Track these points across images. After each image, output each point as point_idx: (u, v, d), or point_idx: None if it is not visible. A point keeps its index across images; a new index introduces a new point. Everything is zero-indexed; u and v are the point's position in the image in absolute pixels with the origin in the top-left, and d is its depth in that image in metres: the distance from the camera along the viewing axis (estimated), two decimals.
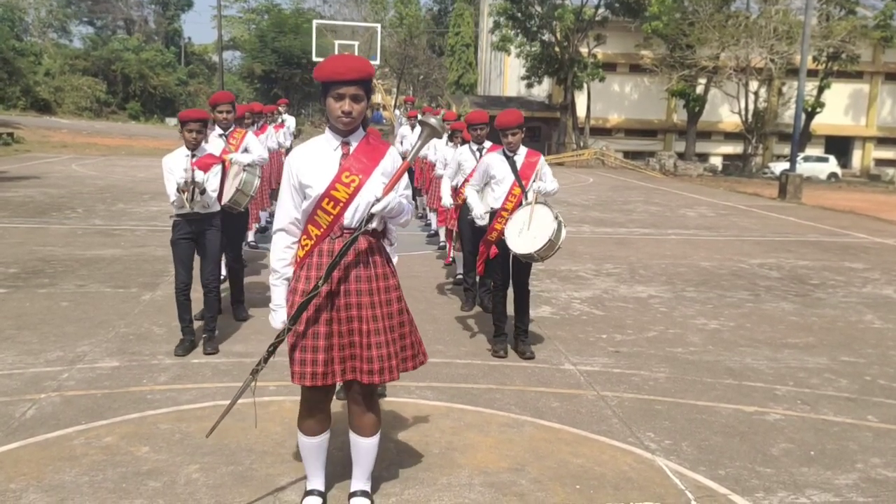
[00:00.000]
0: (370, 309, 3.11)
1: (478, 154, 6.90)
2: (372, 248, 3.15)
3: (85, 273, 7.95)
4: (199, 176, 5.29)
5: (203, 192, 5.31)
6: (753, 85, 33.74)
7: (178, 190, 5.24)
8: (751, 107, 34.20)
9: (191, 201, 5.26)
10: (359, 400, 3.24)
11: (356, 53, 31.89)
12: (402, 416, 4.48)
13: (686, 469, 3.94)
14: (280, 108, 13.42)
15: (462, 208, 6.87)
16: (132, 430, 4.14)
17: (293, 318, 3.05)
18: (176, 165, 5.36)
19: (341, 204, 3.05)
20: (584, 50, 35.20)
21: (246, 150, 6.62)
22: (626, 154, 36.59)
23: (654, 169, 32.08)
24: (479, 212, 5.80)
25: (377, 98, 48.27)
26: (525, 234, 5.42)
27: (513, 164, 5.68)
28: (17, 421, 4.19)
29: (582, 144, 35.47)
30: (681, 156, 34.86)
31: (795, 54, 29.18)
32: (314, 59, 35.80)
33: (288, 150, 12.11)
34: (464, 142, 7.54)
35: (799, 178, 20.93)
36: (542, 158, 5.87)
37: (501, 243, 5.58)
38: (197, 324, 5.80)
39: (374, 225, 3.11)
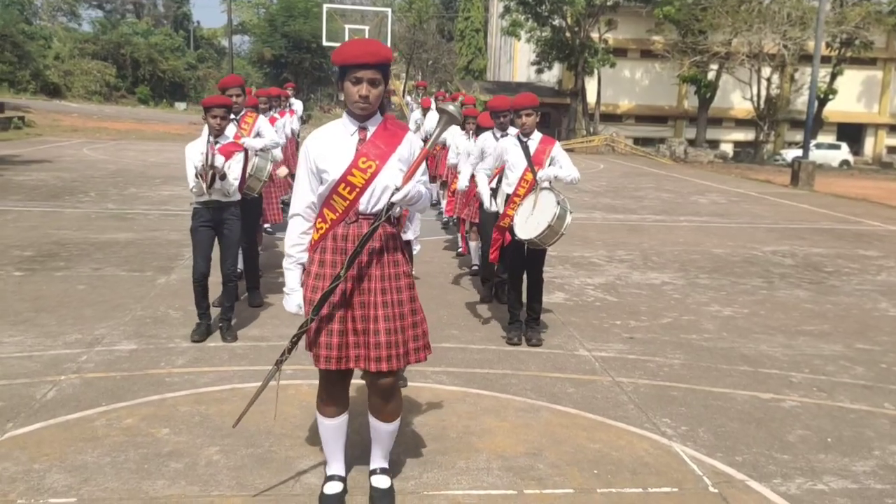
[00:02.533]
0: (381, 295, 3.10)
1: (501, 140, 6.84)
2: (386, 234, 3.14)
3: (100, 256, 7.99)
4: (220, 161, 5.25)
5: (223, 177, 5.27)
6: (766, 71, 33.51)
7: (196, 175, 5.21)
8: (763, 93, 33.98)
9: (209, 187, 5.21)
10: (377, 390, 3.22)
11: (366, 37, 31.88)
12: (419, 400, 4.50)
13: (703, 455, 3.95)
14: (289, 92, 13.20)
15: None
16: (152, 411, 4.18)
17: (316, 308, 3.05)
18: (197, 152, 5.33)
19: (357, 189, 3.04)
20: (594, 35, 34.96)
21: (258, 135, 6.60)
22: (637, 140, 36.39)
23: (664, 155, 31.94)
24: (489, 200, 5.83)
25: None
26: (530, 219, 5.41)
27: (526, 149, 5.64)
28: (39, 402, 4.23)
29: (592, 131, 35.31)
30: (691, 142, 34.69)
31: (809, 40, 28.95)
32: (324, 43, 35.77)
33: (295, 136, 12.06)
34: (478, 129, 7.46)
35: (811, 165, 20.81)
36: (558, 144, 5.81)
37: (512, 229, 5.58)
38: (214, 310, 5.81)
39: (395, 213, 3.12)
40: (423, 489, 3.45)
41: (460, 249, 8.85)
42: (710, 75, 34.87)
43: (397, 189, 3.03)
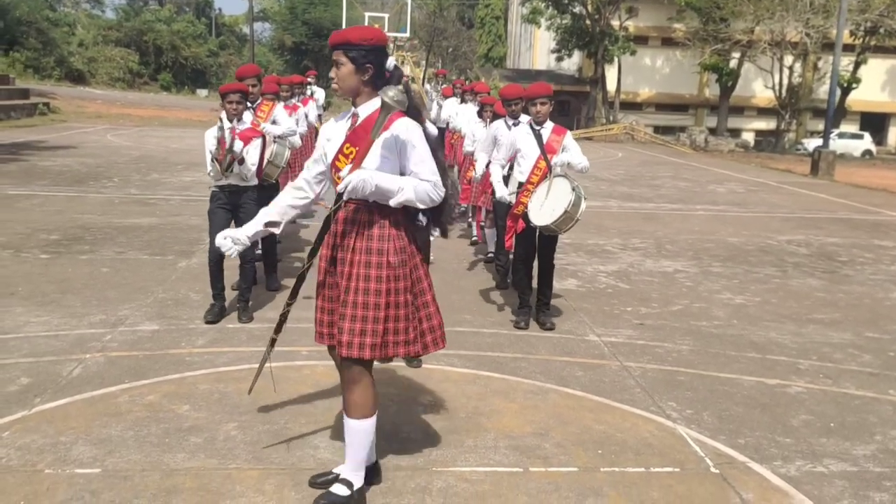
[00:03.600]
0: (350, 280, 3.08)
1: (514, 129, 6.84)
2: (371, 221, 3.09)
3: (123, 240, 8.18)
4: (238, 146, 5.42)
5: (241, 161, 5.43)
6: (788, 59, 33.19)
7: (212, 158, 5.40)
8: (785, 82, 33.68)
9: (226, 170, 5.38)
10: (342, 373, 3.17)
11: (386, 25, 31.93)
12: (430, 381, 4.62)
13: (706, 437, 4.04)
14: (309, 80, 13.22)
15: None
16: (173, 389, 4.34)
17: (293, 292, 3.30)
18: (211, 137, 5.53)
19: (340, 174, 3.08)
20: (615, 23, 34.79)
21: (275, 123, 6.70)
22: (656, 129, 36.25)
23: (684, 144, 31.79)
24: (503, 192, 5.85)
25: (406, 70, 48.08)
26: (545, 206, 5.48)
27: (539, 137, 5.73)
28: (65, 379, 4.40)
29: (611, 119, 35.21)
30: (712, 131, 34.50)
31: (832, 28, 28.61)
32: None
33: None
34: (495, 116, 7.49)
35: (832, 154, 20.68)
36: (569, 134, 5.89)
37: (527, 216, 5.65)
38: (230, 293, 5.96)
39: (345, 198, 3.02)
40: (431, 465, 3.58)
41: (475, 237, 8.93)
42: (732, 63, 34.63)
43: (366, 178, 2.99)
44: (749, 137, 37.15)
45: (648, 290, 7.18)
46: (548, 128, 5.78)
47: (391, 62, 3.13)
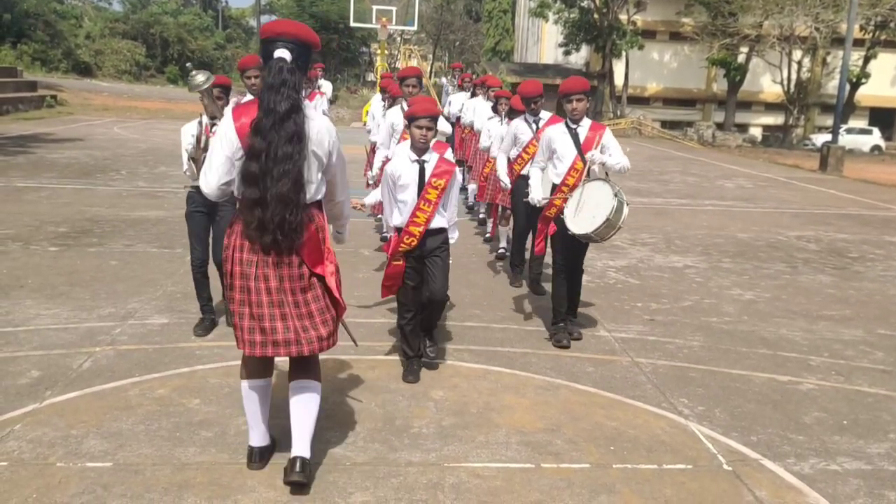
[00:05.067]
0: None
1: (534, 126, 6.56)
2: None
3: (132, 233, 8.18)
4: None
5: None
6: (797, 54, 33.01)
7: (189, 157, 4.90)
8: (793, 77, 33.51)
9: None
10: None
11: (393, 18, 31.79)
12: (440, 377, 4.61)
13: (718, 434, 4.02)
14: (318, 73, 13.14)
15: (517, 183, 6.59)
16: (183, 383, 4.33)
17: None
18: (188, 134, 5.02)
19: None
20: (623, 17, 34.63)
21: None
22: (664, 124, 36.10)
23: (691, 139, 31.66)
24: (538, 196, 5.44)
25: (412, 64, 47.94)
26: (583, 212, 5.05)
27: (575, 136, 5.29)
28: (75, 372, 4.40)
29: (619, 113, 35.07)
30: (720, 126, 34.33)
31: (841, 23, 28.47)
32: (352, 24, 35.74)
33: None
34: (510, 112, 7.27)
35: (841, 150, 20.56)
36: (608, 130, 5.41)
37: (560, 221, 5.22)
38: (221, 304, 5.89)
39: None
40: (443, 461, 3.57)
41: (489, 234, 8.76)
42: (740, 58, 34.44)
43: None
44: (757, 133, 36.99)
45: (658, 286, 7.15)
46: (585, 125, 5.35)
47: None
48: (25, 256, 6.99)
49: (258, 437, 3.43)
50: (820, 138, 29.64)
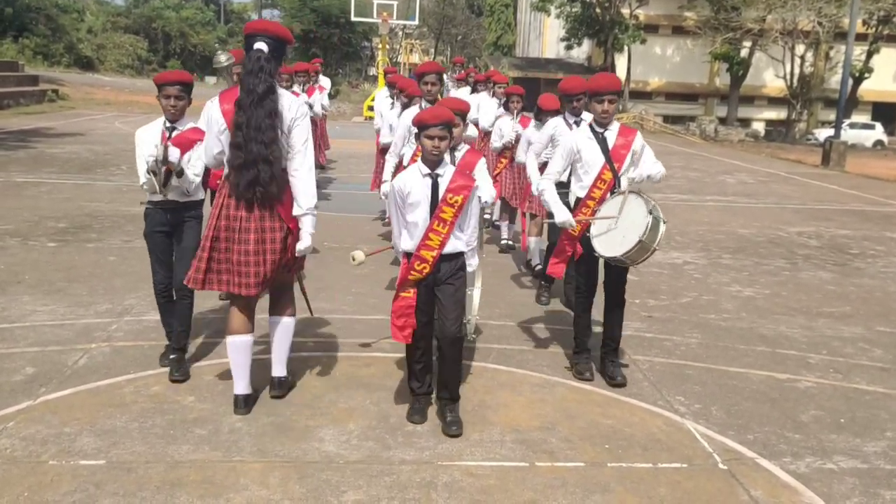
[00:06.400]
0: None
1: (574, 127, 5.62)
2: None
3: (131, 229, 8.16)
4: (174, 154, 4.10)
5: (180, 174, 4.17)
6: (800, 49, 32.86)
7: (147, 170, 4.13)
8: (796, 71, 33.37)
9: (164, 185, 4.16)
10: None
11: (395, 13, 31.69)
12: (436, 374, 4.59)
13: (714, 433, 4.01)
14: (318, 67, 13.04)
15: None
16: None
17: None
18: (149, 139, 4.29)
19: None
20: (625, 11, 34.50)
21: None
22: (666, 118, 36.00)
23: (694, 134, 31.59)
24: (567, 216, 4.57)
25: (414, 59, 47.85)
26: (613, 232, 4.41)
27: (603, 142, 4.57)
28: (70, 369, 4.39)
29: (621, 108, 34.95)
30: (722, 121, 34.24)
31: (844, 17, 28.32)
32: (353, 18, 35.68)
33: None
34: (539, 112, 6.56)
35: (843, 145, 20.50)
36: (639, 135, 4.69)
37: (586, 240, 4.58)
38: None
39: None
40: (437, 459, 3.56)
41: (506, 240, 8.17)
42: (743, 53, 34.32)
43: None
44: (759, 127, 36.83)
45: (657, 282, 7.13)
46: (613, 130, 4.61)
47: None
48: (24, 252, 6.99)
49: (242, 386, 3.97)
50: (823, 133, 29.52)
